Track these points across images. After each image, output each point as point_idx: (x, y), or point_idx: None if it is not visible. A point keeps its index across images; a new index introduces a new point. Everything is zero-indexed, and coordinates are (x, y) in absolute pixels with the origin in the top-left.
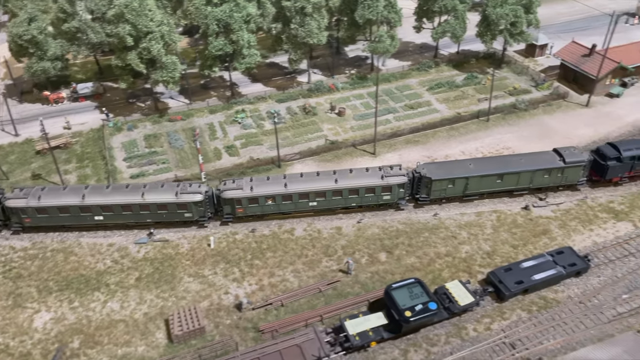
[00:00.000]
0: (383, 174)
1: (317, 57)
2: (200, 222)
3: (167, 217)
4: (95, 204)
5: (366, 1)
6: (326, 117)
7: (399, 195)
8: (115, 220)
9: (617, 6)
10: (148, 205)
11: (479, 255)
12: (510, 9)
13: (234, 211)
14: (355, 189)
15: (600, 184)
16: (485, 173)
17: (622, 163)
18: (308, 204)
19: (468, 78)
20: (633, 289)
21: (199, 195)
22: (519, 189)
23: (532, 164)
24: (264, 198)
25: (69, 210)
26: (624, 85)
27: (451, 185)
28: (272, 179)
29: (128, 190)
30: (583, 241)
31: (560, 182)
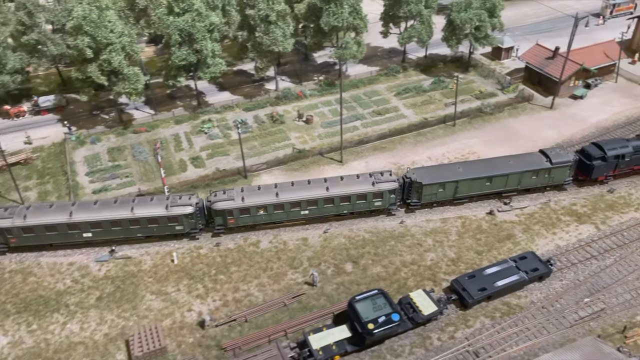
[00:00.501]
0: (374, 180)
1: (285, 64)
2: (192, 234)
3: (158, 231)
4: (83, 220)
5: (331, 8)
6: (294, 125)
7: (390, 201)
8: (105, 236)
9: (583, 7)
10: (138, 220)
11: (444, 262)
12: (474, 14)
13: (225, 222)
14: (347, 196)
15: (586, 183)
16: (475, 176)
17: (607, 162)
18: (300, 212)
19: (435, 82)
20: (595, 292)
21: (189, 207)
22: (508, 190)
23: (520, 165)
24: (256, 208)
25: (57, 229)
26: (588, 86)
27: (441, 189)
28: (263, 189)
29: (117, 205)
30: (546, 245)
31: (547, 183)
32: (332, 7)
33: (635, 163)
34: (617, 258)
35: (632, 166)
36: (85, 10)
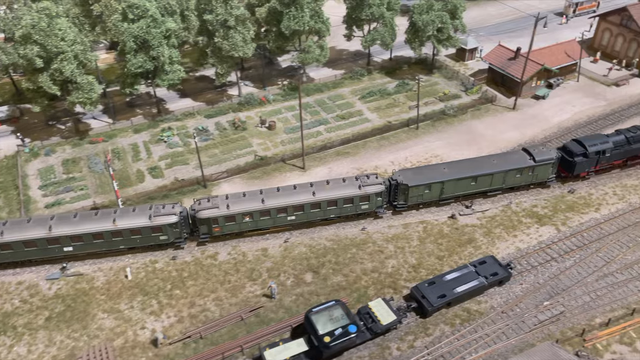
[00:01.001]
0: (360, 183)
1: (249, 69)
2: (177, 244)
3: (142, 242)
4: (63, 234)
5: (291, 12)
6: (256, 131)
7: (377, 204)
8: (86, 249)
9: (546, 6)
10: (120, 232)
11: (404, 269)
12: (436, 15)
13: (210, 230)
14: (334, 200)
15: (569, 179)
16: (460, 176)
17: (589, 158)
18: (286, 218)
19: (400, 85)
20: (554, 295)
21: (173, 216)
22: (493, 189)
23: (504, 164)
24: (241, 215)
25: (36, 244)
26: (550, 86)
27: (428, 190)
28: (248, 195)
29: (98, 217)
30: (507, 248)
31: (531, 181)
32: (293, 11)
33: (616, 158)
34: (576, 260)
35: (613, 161)
36: (35, 19)
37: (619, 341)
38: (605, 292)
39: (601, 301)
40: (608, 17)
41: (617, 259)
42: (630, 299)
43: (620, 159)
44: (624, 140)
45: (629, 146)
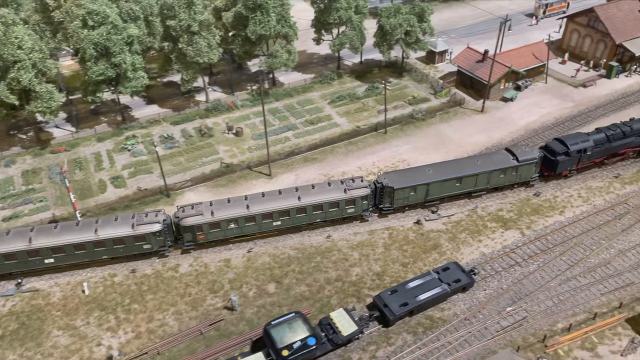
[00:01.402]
0: (345, 187)
1: (217, 74)
2: (161, 252)
3: (125, 251)
4: (44, 246)
5: (257, 17)
6: (223, 138)
7: (363, 207)
8: (68, 261)
9: (517, 7)
10: (103, 242)
11: (368, 277)
12: (404, 19)
13: (195, 238)
14: (319, 204)
15: (552, 178)
16: (445, 178)
17: (570, 157)
18: (272, 224)
19: (369, 89)
20: (517, 301)
21: (157, 225)
22: (477, 190)
23: (488, 165)
24: (226, 222)
25: (16, 257)
26: (518, 88)
27: (413, 192)
28: (233, 201)
29: (79, 227)
30: (471, 253)
31: (515, 181)
32: (259, 15)
33: (597, 156)
34: (540, 264)
35: (594, 159)
36: None
37: (581, 346)
38: (568, 296)
39: (563, 306)
40: (576, 18)
41: (580, 263)
42: (592, 303)
43: (600, 157)
44: (604, 139)
45: (609, 144)
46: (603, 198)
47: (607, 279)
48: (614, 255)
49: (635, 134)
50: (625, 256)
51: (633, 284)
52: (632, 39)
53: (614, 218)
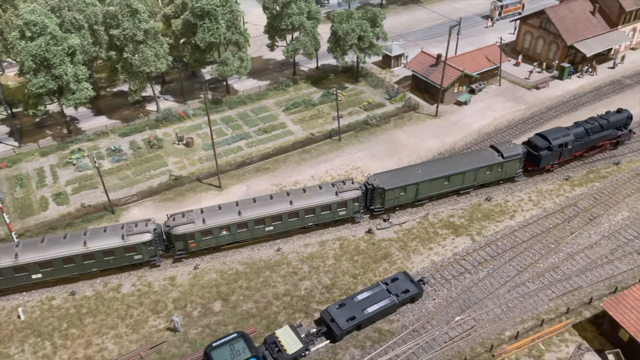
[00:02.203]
0: (337, 189)
1: (170, 82)
2: (152, 262)
3: (115, 263)
4: (31, 261)
5: (205, 24)
6: (173, 149)
7: (355, 209)
8: (56, 275)
9: (473, 9)
10: (92, 254)
11: (318, 290)
12: (356, 24)
13: (187, 246)
14: (311, 208)
15: (535, 172)
16: (434, 177)
17: (553, 151)
18: (264, 229)
19: (325, 95)
20: (466, 309)
21: (147, 234)
22: (465, 187)
23: (475, 162)
24: (218, 229)
25: (2, 273)
26: (472, 91)
27: (403, 192)
28: (224, 208)
29: (67, 240)
30: (422, 262)
31: (500, 177)
32: (207, 23)
33: (577, 150)
34: (490, 270)
35: (574, 153)
36: None
37: (528, 354)
38: (517, 303)
39: (512, 313)
40: (528, 20)
41: (529, 268)
42: (540, 309)
43: (580, 150)
44: (583, 132)
45: (588, 137)
46: (553, 201)
47: (556, 284)
48: (563, 259)
49: (611, 126)
50: (574, 260)
51: (581, 288)
52: (583, 39)
53: (563, 221)
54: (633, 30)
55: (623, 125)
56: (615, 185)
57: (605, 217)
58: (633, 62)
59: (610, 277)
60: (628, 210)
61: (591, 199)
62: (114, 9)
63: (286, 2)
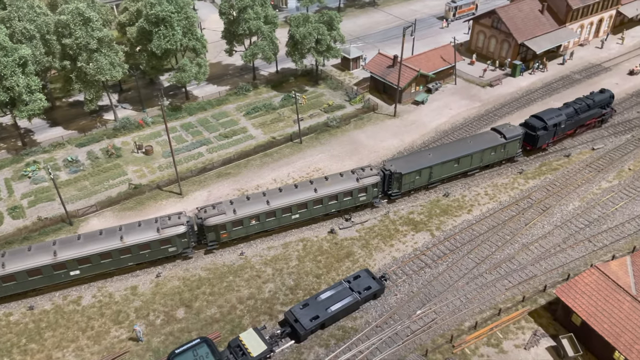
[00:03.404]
0: (357, 176)
1: (128, 90)
2: (184, 254)
3: (151, 256)
4: (70, 258)
5: (161, 31)
6: (132, 157)
7: (374, 195)
8: (94, 271)
9: (429, 10)
10: (129, 248)
11: (282, 292)
12: (313, 28)
13: (218, 237)
14: (335, 194)
15: (533, 151)
16: (445, 159)
17: (548, 131)
18: (291, 217)
19: (285, 99)
20: (427, 303)
21: (182, 227)
22: (473, 168)
23: (480, 144)
24: (249, 219)
25: (41, 272)
26: (429, 91)
27: (418, 176)
28: (252, 198)
29: (103, 236)
30: (384, 259)
31: (503, 157)
32: (163, 30)
33: (569, 128)
34: (449, 264)
35: (567, 132)
36: None
37: (487, 343)
38: (475, 294)
39: (471, 304)
40: (480, 20)
41: (486, 260)
42: (497, 299)
43: (571, 128)
44: (573, 112)
45: (577, 116)
46: (508, 194)
47: (512, 274)
48: (518, 249)
49: (597, 105)
50: (529, 250)
51: (535, 277)
52: (532, 37)
53: (518, 213)
54: (580, 27)
55: (607, 104)
56: (566, 176)
57: (557, 208)
58: (581, 58)
59: (563, 265)
60: (579, 200)
61: (544, 190)
62: (66, 18)
63: (242, 7)
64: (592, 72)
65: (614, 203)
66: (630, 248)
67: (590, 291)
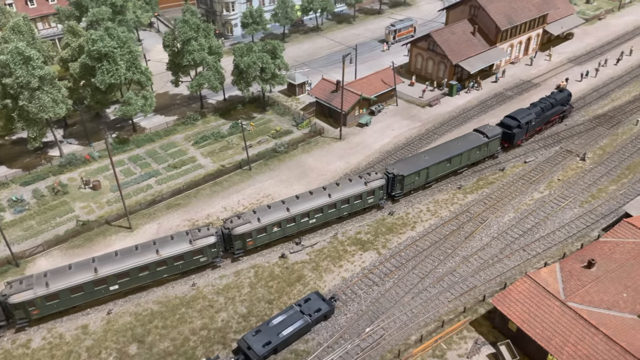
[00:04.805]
0: (365, 180)
1: (73, 125)
2: (213, 263)
3: (184, 267)
4: (110, 274)
5: (104, 66)
6: (79, 193)
7: (380, 196)
8: (131, 285)
9: (371, 34)
10: (165, 260)
11: (234, 320)
12: (257, 57)
13: (244, 245)
14: (347, 198)
15: (509, 148)
16: (439, 160)
17: (522, 128)
18: (308, 222)
19: (233, 126)
20: (375, 320)
21: (212, 237)
22: (462, 167)
23: (468, 144)
24: (272, 226)
25: (83, 288)
26: (372, 113)
27: (417, 177)
28: (273, 207)
29: (139, 251)
30: (333, 280)
31: (486, 155)
32: (106, 65)
33: (537, 125)
34: (395, 280)
35: (536, 128)
36: None
37: (432, 355)
38: (420, 308)
39: (417, 318)
40: (418, 44)
41: (430, 274)
42: (441, 311)
43: (540, 125)
44: (540, 110)
45: (544, 114)
46: (448, 209)
47: (454, 286)
48: (459, 262)
49: (559, 103)
50: (469, 262)
51: (475, 288)
52: (466, 58)
53: (458, 227)
54: (510, 46)
55: (566, 101)
56: (501, 189)
57: (494, 220)
58: (513, 75)
59: (500, 275)
60: (513, 212)
61: (481, 204)
62: (5, 58)
63: (186, 40)
64: (523, 88)
65: (545, 212)
66: (560, 254)
67: (524, 299)
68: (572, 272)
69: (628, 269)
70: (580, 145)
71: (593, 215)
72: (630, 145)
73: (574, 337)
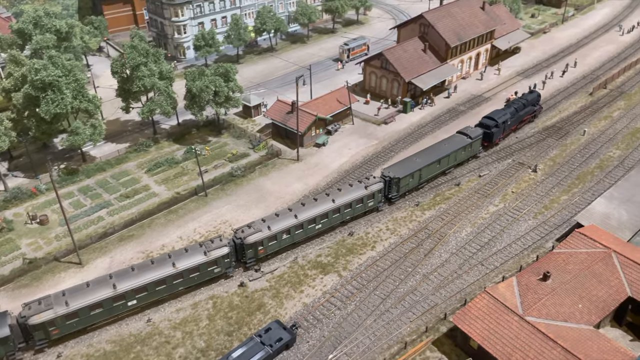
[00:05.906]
0: (365, 184)
1: (18, 157)
2: (226, 273)
3: (199, 279)
4: (129, 289)
5: (49, 96)
6: (26, 229)
7: (378, 200)
8: (149, 299)
9: (326, 53)
10: (181, 273)
11: (193, 356)
12: (210, 80)
13: (256, 254)
14: (349, 203)
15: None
16: (430, 162)
17: (499, 128)
18: (314, 227)
19: (188, 152)
20: (338, 345)
21: (225, 248)
22: (449, 167)
23: (454, 146)
24: (281, 233)
25: (102, 305)
26: (329, 133)
27: (411, 179)
28: (280, 215)
29: (155, 265)
30: (294, 306)
31: (469, 155)
32: (50, 94)
33: (513, 124)
34: (357, 303)
35: (511, 127)
36: None
37: None
38: (383, 331)
39: (379, 341)
40: (371, 62)
41: (391, 294)
42: (403, 332)
43: (514, 124)
44: (514, 111)
45: (517, 114)
46: (407, 227)
47: (415, 305)
48: (420, 280)
49: (530, 103)
50: (429, 280)
51: (437, 306)
52: (419, 75)
53: (417, 245)
54: (461, 62)
55: (536, 102)
56: (458, 204)
57: (452, 236)
58: (464, 90)
59: (460, 291)
60: (470, 226)
61: (439, 220)
62: None
63: (135, 66)
64: (475, 102)
65: (501, 225)
66: (517, 267)
67: (483, 315)
68: (528, 285)
69: (582, 279)
70: (531, 157)
71: (547, 226)
72: (579, 155)
73: (533, 351)
